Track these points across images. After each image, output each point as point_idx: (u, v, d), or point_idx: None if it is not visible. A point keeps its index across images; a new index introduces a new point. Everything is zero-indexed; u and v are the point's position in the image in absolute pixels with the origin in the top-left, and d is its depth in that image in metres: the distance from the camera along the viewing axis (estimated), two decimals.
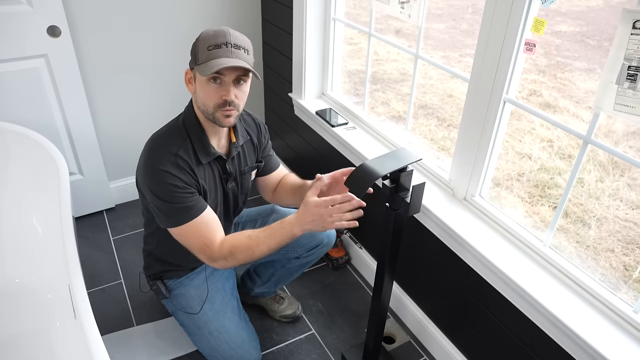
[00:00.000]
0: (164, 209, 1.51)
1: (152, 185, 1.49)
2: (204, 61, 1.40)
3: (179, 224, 1.52)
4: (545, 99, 3.85)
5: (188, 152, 1.54)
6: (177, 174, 1.48)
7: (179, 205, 1.50)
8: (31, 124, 2.28)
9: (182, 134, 1.55)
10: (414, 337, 2.12)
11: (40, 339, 1.88)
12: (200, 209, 1.53)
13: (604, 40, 4.35)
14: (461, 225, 1.69)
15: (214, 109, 1.46)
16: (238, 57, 1.41)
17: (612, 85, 1.17)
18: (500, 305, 1.62)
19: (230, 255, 1.51)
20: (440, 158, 3.41)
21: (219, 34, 1.41)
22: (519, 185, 3.15)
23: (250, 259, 1.52)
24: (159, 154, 1.50)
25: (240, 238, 1.53)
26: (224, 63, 1.38)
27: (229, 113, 1.47)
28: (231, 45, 1.41)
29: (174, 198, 1.48)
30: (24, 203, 2.10)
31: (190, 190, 1.51)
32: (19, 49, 2.19)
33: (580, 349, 1.33)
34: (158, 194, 1.49)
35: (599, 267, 2.49)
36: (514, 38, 1.41)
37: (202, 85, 1.44)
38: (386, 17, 5.05)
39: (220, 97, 1.44)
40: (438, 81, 4.47)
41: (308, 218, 1.43)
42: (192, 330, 1.81)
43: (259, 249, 1.49)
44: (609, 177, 3.05)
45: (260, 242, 1.49)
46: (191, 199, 1.51)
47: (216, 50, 1.40)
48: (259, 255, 1.50)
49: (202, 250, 1.53)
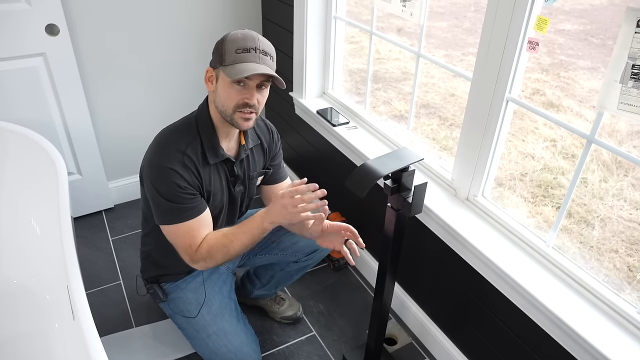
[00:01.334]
0: (163, 206, 1.52)
1: (156, 181, 1.50)
2: (231, 63, 1.42)
3: (174, 222, 1.53)
4: (548, 98, 3.84)
5: (196, 151, 1.55)
6: (182, 173, 1.50)
7: (178, 205, 1.51)
8: (29, 123, 2.28)
9: (193, 132, 1.57)
10: (415, 339, 2.12)
11: (38, 341, 1.89)
12: (198, 211, 1.55)
13: (607, 39, 4.35)
14: (463, 226, 1.69)
15: (233, 110, 1.48)
16: (265, 63, 1.44)
17: (616, 84, 1.17)
18: (503, 306, 1.62)
19: (209, 255, 1.54)
20: (442, 158, 3.41)
21: (248, 38, 1.44)
22: (521, 185, 3.15)
23: (228, 257, 1.55)
24: (167, 150, 1.51)
25: (217, 237, 1.56)
26: (254, 69, 1.40)
27: (249, 116, 1.49)
28: (260, 51, 1.44)
29: (175, 197, 1.50)
30: (22, 203, 2.10)
31: (191, 192, 1.52)
32: (17, 47, 2.19)
33: (584, 351, 1.33)
34: (160, 190, 1.50)
35: (603, 267, 2.49)
36: (516, 36, 1.41)
37: (225, 86, 1.46)
38: (388, 16, 5.04)
39: (242, 99, 1.46)
40: (440, 80, 4.47)
41: (275, 210, 1.47)
42: (190, 333, 1.81)
43: (233, 246, 1.52)
44: (612, 177, 3.05)
45: (234, 238, 1.52)
46: (191, 200, 1.52)
47: (245, 54, 1.42)
48: (235, 252, 1.53)
49: (186, 250, 1.56)
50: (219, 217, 1.71)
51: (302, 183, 1.47)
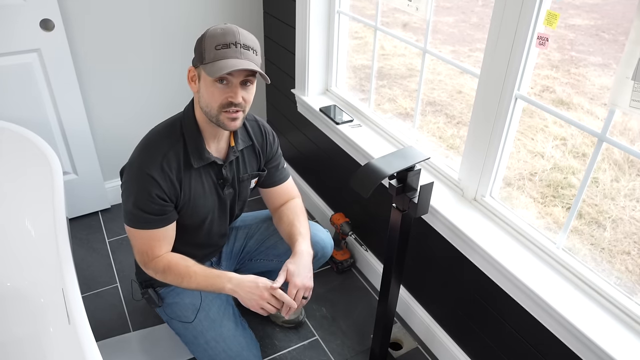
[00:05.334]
0: (131, 209, 1.54)
1: (131, 183, 1.53)
2: (211, 60, 1.40)
3: (137, 227, 1.56)
4: (558, 96, 3.84)
5: (178, 154, 1.55)
6: (160, 179, 1.51)
7: (145, 215, 1.53)
8: (23, 121, 2.28)
9: (177, 135, 1.56)
10: (421, 343, 2.12)
11: (33, 345, 1.89)
12: (163, 223, 1.58)
13: (619, 34, 4.34)
14: (471, 227, 1.69)
15: (218, 110, 1.46)
16: (247, 58, 1.42)
17: (628, 81, 1.17)
18: (512, 310, 1.62)
19: (163, 272, 1.59)
20: (449, 157, 3.41)
21: (228, 33, 1.41)
22: (531, 185, 3.14)
23: (177, 285, 1.61)
24: (148, 154, 1.53)
25: (180, 262, 1.60)
26: (234, 65, 1.38)
27: (235, 116, 1.47)
28: (240, 46, 1.41)
29: (145, 205, 1.52)
30: (16, 204, 2.10)
31: (162, 203, 1.54)
32: (11, 43, 2.20)
33: (596, 356, 1.33)
34: (132, 194, 1.53)
35: (615, 270, 2.49)
36: (525, 32, 1.41)
37: (207, 86, 1.44)
38: (393, 10, 5.04)
39: (226, 98, 1.44)
40: (447, 77, 4.47)
41: (246, 287, 1.53)
42: (188, 339, 1.81)
43: (188, 282, 1.57)
44: (624, 176, 3.04)
45: (193, 277, 1.57)
46: (160, 211, 1.54)
47: (225, 50, 1.40)
48: (186, 287, 1.59)
49: (141, 255, 1.60)
50: (204, 220, 1.71)
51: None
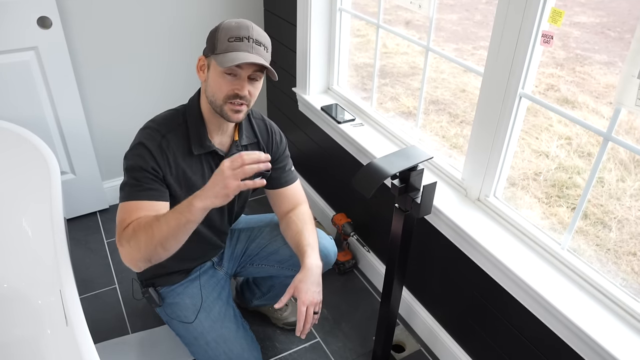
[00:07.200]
0: (125, 181, 1.52)
1: (127, 154, 1.54)
2: (223, 51, 1.43)
3: (125, 199, 1.50)
4: (563, 94, 3.84)
5: (178, 137, 1.57)
6: (155, 152, 1.51)
7: (136, 183, 1.50)
8: (20, 120, 2.28)
9: (178, 120, 1.59)
10: (424, 345, 2.12)
11: (30, 347, 1.89)
12: (150, 197, 1.50)
13: (625, 32, 4.34)
14: (474, 227, 1.69)
15: (223, 100, 1.48)
16: (258, 53, 1.45)
17: (634, 80, 1.16)
18: (516, 311, 1.62)
19: (133, 235, 1.42)
20: (452, 156, 3.41)
21: (242, 27, 1.45)
22: (535, 185, 3.14)
23: (151, 241, 1.40)
24: (149, 133, 1.55)
25: (147, 216, 1.46)
26: (245, 58, 1.41)
27: (239, 108, 1.50)
28: (253, 41, 1.45)
29: (138, 172, 1.50)
30: (13, 204, 2.10)
31: (155, 174, 1.52)
32: (7, 41, 2.20)
33: (601, 359, 1.33)
34: (127, 162, 1.53)
35: (620, 271, 2.49)
36: (530, 29, 1.41)
37: (215, 76, 1.47)
38: (395, 8, 5.05)
39: (232, 90, 1.47)
40: (450, 75, 4.47)
41: (211, 185, 1.35)
42: (188, 340, 1.81)
43: (158, 227, 1.39)
44: (630, 176, 3.04)
45: (162, 220, 1.40)
46: (150, 182, 1.51)
47: (237, 43, 1.43)
48: (159, 235, 1.39)
49: (117, 227, 1.48)
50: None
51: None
